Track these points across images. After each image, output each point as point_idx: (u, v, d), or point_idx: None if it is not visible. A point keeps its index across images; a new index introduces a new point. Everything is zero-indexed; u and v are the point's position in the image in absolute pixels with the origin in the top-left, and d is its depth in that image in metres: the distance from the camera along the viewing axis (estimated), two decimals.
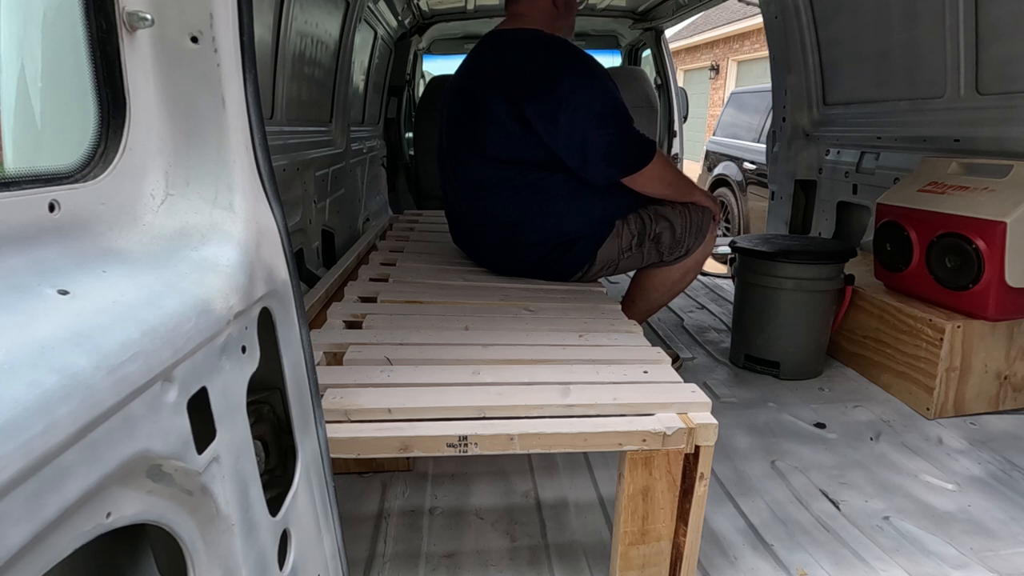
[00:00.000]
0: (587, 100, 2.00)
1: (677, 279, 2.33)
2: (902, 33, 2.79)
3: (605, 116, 2.01)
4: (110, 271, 0.61)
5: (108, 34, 0.64)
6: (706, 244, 2.27)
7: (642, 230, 2.19)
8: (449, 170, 2.27)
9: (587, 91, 2.01)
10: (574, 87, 1.99)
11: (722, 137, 7.43)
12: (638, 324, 1.79)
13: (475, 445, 1.19)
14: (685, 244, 2.22)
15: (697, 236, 2.23)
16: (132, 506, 0.54)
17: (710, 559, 1.55)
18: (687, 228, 2.21)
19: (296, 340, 0.85)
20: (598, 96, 2.02)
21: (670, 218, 2.20)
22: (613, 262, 2.22)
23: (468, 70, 2.23)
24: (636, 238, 2.19)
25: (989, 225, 2.10)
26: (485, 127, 2.08)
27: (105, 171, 0.65)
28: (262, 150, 0.78)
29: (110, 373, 0.51)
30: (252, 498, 0.72)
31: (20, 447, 0.42)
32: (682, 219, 2.21)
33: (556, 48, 2.08)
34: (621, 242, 2.19)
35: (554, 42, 2.10)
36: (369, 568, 1.50)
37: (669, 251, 2.23)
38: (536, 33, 2.13)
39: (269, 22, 2.45)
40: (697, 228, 2.23)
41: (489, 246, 2.29)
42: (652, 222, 2.19)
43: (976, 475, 1.91)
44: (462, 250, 2.47)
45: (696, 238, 2.23)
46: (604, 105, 2.02)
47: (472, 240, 2.36)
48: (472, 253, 2.39)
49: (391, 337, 1.61)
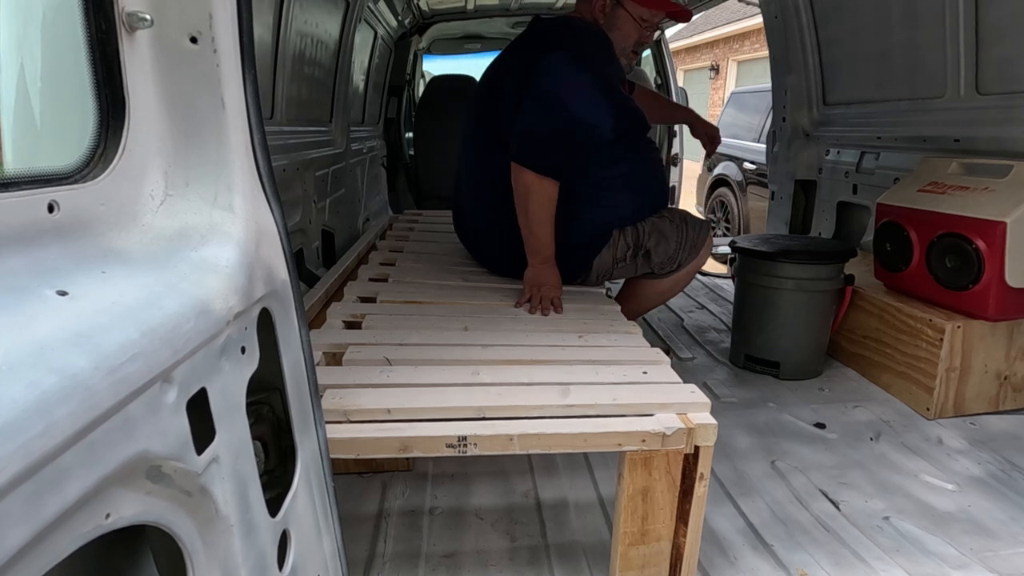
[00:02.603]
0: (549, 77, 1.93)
1: (666, 289, 2.32)
2: (902, 33, 2.79)
3: (548, 99, 1.93)
4: (109, 272, 0.61)
5: (108, 34, 0.64)
6: (699, 258, 2.24)
7: (636, 242, 2.16)
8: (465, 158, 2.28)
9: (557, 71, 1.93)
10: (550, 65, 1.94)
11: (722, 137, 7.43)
12: (637, 325, 1.79)
13: (474, 446, 1.19)
14: (678, 260, 2.19)
15: (691, 252, 2.19)
16: (131, 507, 0.54)
17: (710, 559, 1.55)
18: (682, 244, 2.17)
19: (296, 340, 0.85)
20: (560, 80, 1.93)
21: (666, 233, 2.16)
22: (608, 270, 2.21)
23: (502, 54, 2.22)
24: (631, 249, 2.17)
25: (989, 225, 2.09)
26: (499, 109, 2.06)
27: (104, 172, 0.65)
28: (262, 150, 0.78)
29: (109, 374, 0.51)
30: (251, 499, 0.72)
31: (19, 448, 0.42)
32: (678, 235, 2.17)
33: (568, 31, 2.01)
34: (616, 252, 2.17)
35: (571, 26, 2.03)
36: (369, 568, 1.50)
37: (660, 266, 2.19)
38: (566, 18, 2.09)
39: (269, 22, 2.45)
40: (692, 244, 2.19)
41: (489, 247, 2.28)
42: (647, 236, 2.16)
43: (976, 475, 1.91)
44: (464, 246, 2.47)
45: (690, 254, 2.19)
46: (558, 89, 1.92)
47: (476, 240, 2.35)
48: (474, 253, 2.39)
49: (390, 337, 1.61)
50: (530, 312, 1.89)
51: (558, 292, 1.96)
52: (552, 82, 1.94)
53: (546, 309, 1.89)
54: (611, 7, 2.08)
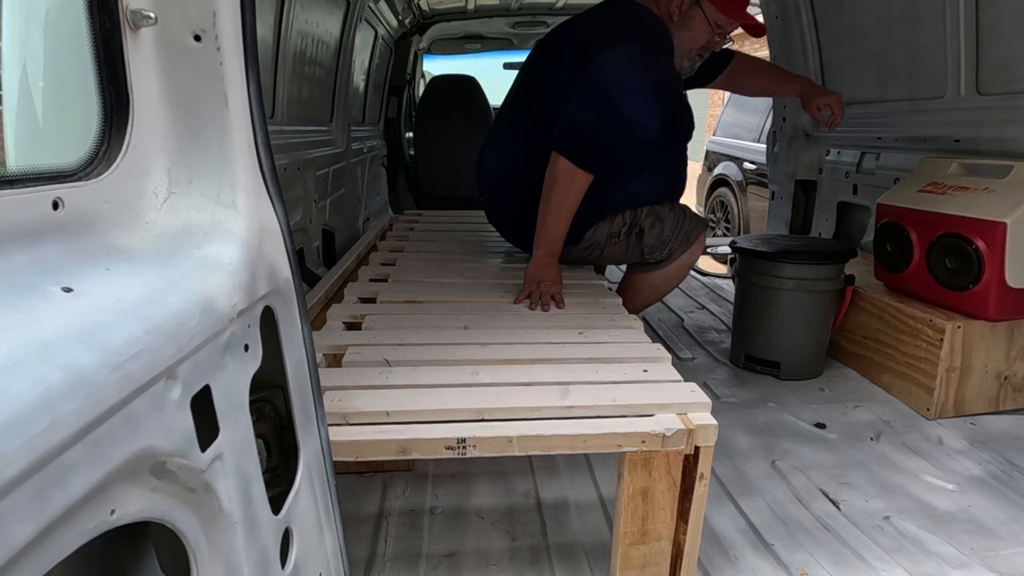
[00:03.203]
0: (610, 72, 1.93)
1: (659, 283, 2.34)
2: (902, 33, 2.79)
3: (604, 95, 1.93)
4: (113, 269, 0.61)
5: (111, 32, 0.65)
6: (691, 253, 2.26)
7: (633, 220, 2.21)
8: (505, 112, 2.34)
9: (619, 68, 1.93)
10: (614, 59, 1.94)
11: (722, 137, 7.43)
12: (638, 319, 1.79)
13: (474, 447, 1.19)
14: (669, 247, 2.22)
15: (683, 243, 2.22)
16: (136, 503, 0.54)
17: (711, 559, 1.55)
18: (675, 232, 2.20)
19: (298, 338, 0.85)
20: (621, 78, 1.93)
21: (663, 218, 2.21)
22: (600, 245, 2.25)
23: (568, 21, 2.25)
24: (627, 226, 2.22)
25: (989, 225, 2.10)
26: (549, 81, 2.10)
27: (108, 169, 0.65)
28: (264, 148, 0.78)
29: (114, 370, 0.51)
30: (254, 496, 0.72)
31: (24, 444, 0.42)
32: (673, 222, 2.21)
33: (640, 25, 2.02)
34: (611, 227, 2.22)
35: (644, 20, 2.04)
36: (370, 567, 1.50)
37: (651, 250, 2.22)
38: (640, 9, 2.08)
39: (270, 22, 2.45)
40: (685, 236, 2.22)
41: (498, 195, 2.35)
42: (643, 216, 2.21)
43: (976, 475, 1.91)
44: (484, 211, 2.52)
45: (682, 244, 2.22)
46: (616, 86, 1.92)
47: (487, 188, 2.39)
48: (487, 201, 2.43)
49: (390, 338, 1.61)
50: (530, 308, 1.89)
51: (559, 288, 1.96)
52: (612, 78, 1.93)
53: (547, 305, 1.89)
54: (688, 5, 2.06)
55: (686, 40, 2.09)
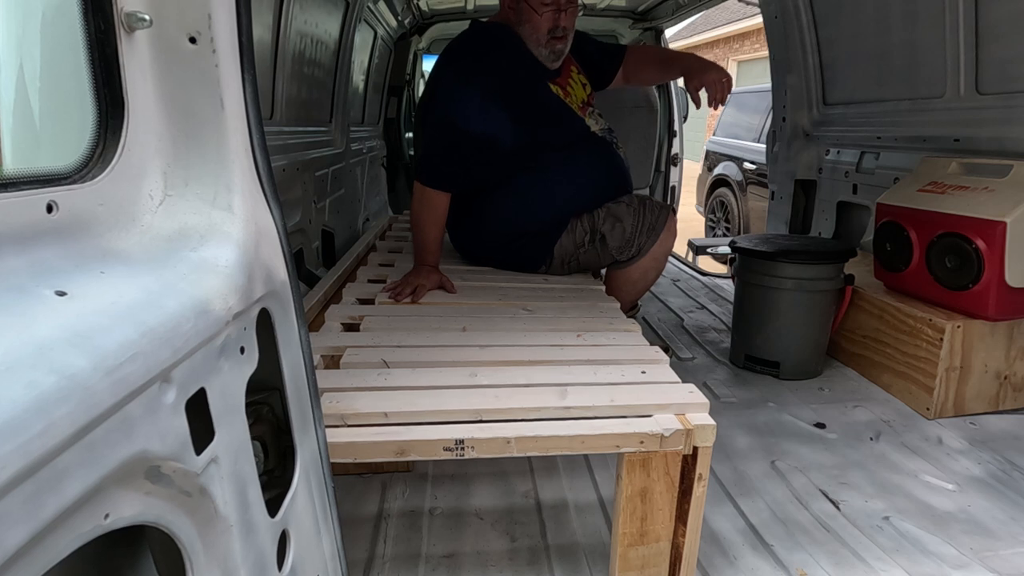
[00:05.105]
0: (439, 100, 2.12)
1: (637, 278, 2.35)
2: (902, 33, 2.79)
3: (440, 123, 2.12)
4: (108, 272, 0.61)
5: (106, 35, 0.64)
6: (661, 243, 2.26)
7: (592, 227, 2.25)
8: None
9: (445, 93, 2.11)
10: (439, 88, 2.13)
11: (722, 137, 7.43)
12: (636, 323, 1.79)
13: (472, 449, 1.19)
14: (636, 243, 2.23)
15: (650, 235, 2.23)
16: (130, 507, 0.54)
17: (710, 559, 1.55)
18: (638, 227, 2.22)
19: (295, 341, 0.85)
20: (450, 102, 2.09)
21: (621, 217, 2.23)
22: (573, 256, 2.29)
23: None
24: (588, 235, 2.26)
25: (989, 225, 2.09)
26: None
27: (103, 172, 0.65)
28: (261, 151, 0.78)
29: (108, 374, 0.51)
30: (251, 499, 0.72)
31: (18, 448, 0.42)
32: (634, 218, 2.23)
33: (465, 42, 2.20)
34: (575, 237, 2.26)
35: (472, 35, 2.21)
36: (369, 569, 1.50)
37: (619, 251, 2.25)
38: (473, 26, 2.25)
39: (269, 22, 2.45)
40: (650, 227, 2.23)
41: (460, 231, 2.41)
42: (601, 221, 2.24)
43: (976, 475, 1.91)
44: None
45: (649, 237, 2.23)
46: (447, 111, 2.09)
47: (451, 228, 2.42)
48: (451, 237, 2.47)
49: (388, 339, 1.61)
50: (390, 297, 1.96)
51: (425, 290, 2.02)
52: (442, 105, 2.12)
53: (400, 296, 1.96)
54: (515, 2, 2.16)
55: (530, 31, 2.16)
